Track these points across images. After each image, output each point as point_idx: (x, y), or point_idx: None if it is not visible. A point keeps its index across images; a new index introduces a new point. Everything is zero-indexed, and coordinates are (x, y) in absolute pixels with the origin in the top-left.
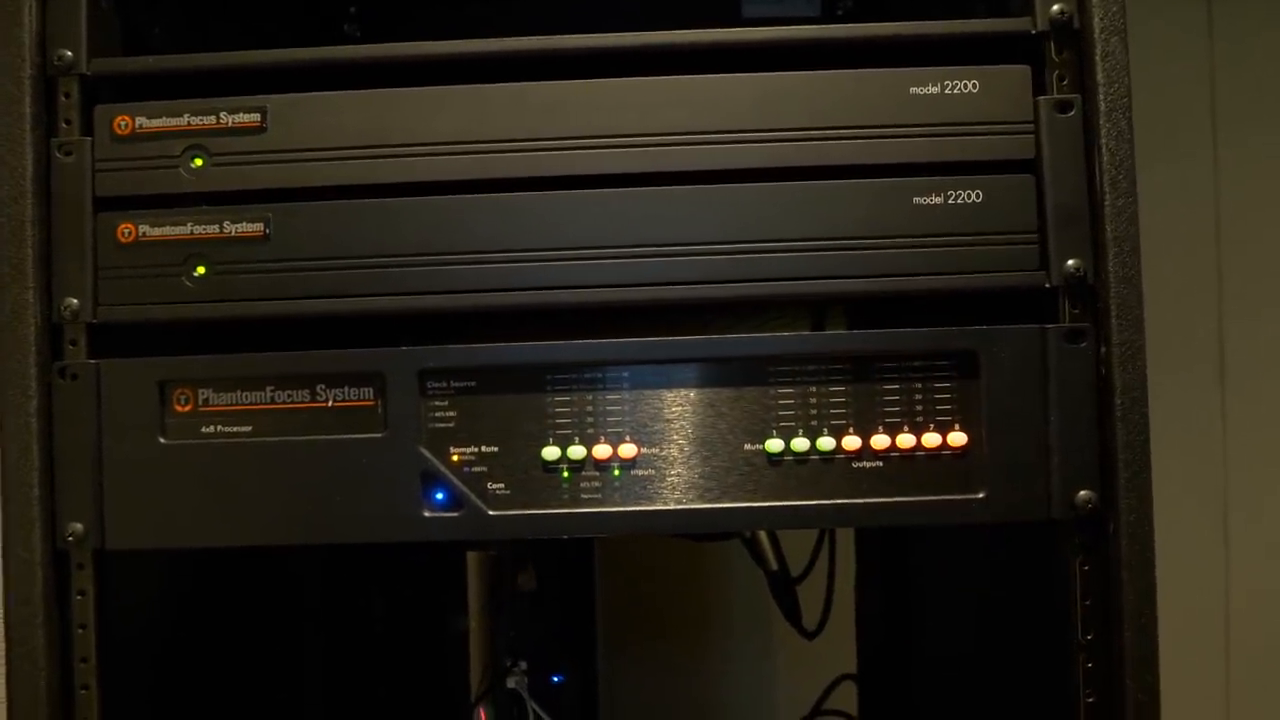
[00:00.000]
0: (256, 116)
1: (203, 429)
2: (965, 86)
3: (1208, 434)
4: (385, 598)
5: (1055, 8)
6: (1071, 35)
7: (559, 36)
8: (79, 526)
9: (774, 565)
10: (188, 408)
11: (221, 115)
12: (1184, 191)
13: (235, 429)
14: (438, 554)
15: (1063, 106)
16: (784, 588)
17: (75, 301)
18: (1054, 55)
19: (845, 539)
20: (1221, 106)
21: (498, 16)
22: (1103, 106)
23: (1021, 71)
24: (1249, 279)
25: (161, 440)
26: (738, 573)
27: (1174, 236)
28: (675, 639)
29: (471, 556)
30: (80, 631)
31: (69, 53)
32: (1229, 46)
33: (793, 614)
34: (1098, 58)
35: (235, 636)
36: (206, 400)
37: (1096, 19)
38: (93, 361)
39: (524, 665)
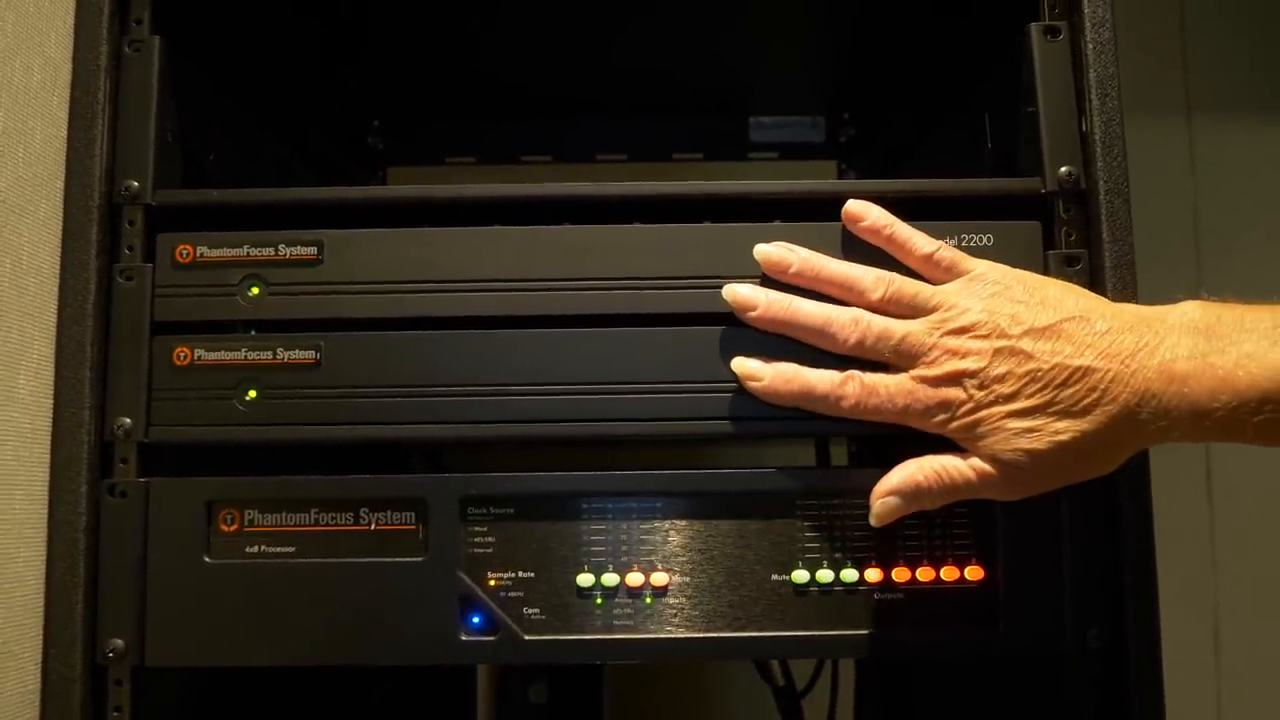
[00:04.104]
0: (313, 249)
1: (247, 549)
2: (981, 240)
3: (1197, 543)
4: (391, 704)
5: (1063, 170)
6: (1078, 195)
7: (597, 184)
8: (119, 643)
9: (780, 681)
10: (233, 528)
11: (280, 247)
12: (1171, 300)
13: (279, 549)
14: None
15: (1071, 260)
16: (790, 703)
17: (128, 421)
18: (1062, 213)
19: None
20: (1203, 224)
21: (506, 136)
22: (1108, 262)
23: (1032, 227)
24: None
25: (206, 559)
26: (740, 686)
27: None
28: None
29: (483, 666)
30: None
31: (135, 183)
32: (1209, 167)
33: None
34: (1103, 217)
35: None
36: (252, 520)
37: (1101, 181)
38: (142, 480)
39: None
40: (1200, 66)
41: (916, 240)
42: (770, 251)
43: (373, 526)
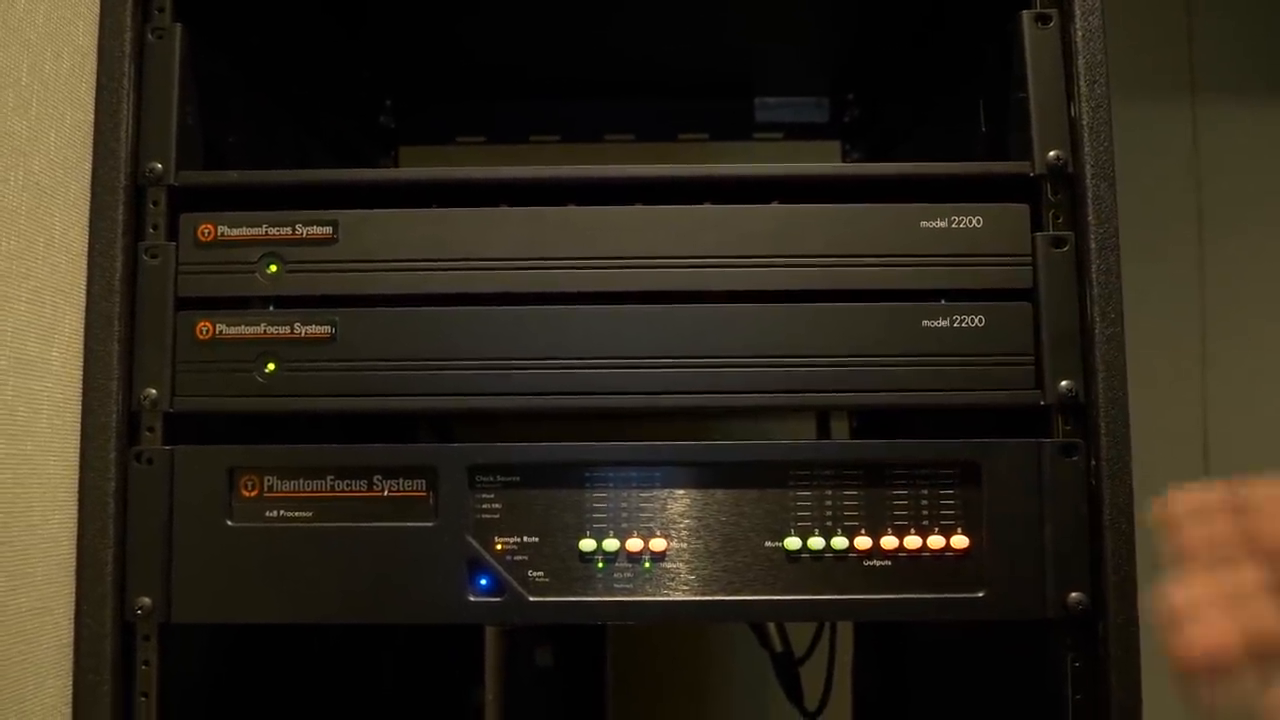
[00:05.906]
0: (329, 229)
1: (266, 513)
2: (971, 221)
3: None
4: (401, 666)
5: (1052, 154)
6: (1066, 178)
7: (602, 167)
8: (147, 601)
9: (779, 647)
10: (254, 493)
11: (297, 227)
12: (1170, 286)
13: (296, 514)
14: (457, 628)
15: (1058, 242)
16: (787, 669)
17: (154, 392)
18: (1050, 196)
19: (846, 622)
20: (1207, 205)
21: (515, 117)
22: (1093, 244)
23: (1021, 210)
24: (1231, 369)
25: (228, 523)
26: (740, 654)
27: (1160, 328)
28: (680, 716)
29: (490, 631)
30: (143, 700)
31: (159, 165)
32: (1213, 148)
33: (795, 694)
34: (1089, 200)
35: (257, 703)
36: (271, 487)
37: (1088, 165)
38: (167, 448)
39: None
40: (1206, 46)
41: None
42: None
43: (385, 493)
